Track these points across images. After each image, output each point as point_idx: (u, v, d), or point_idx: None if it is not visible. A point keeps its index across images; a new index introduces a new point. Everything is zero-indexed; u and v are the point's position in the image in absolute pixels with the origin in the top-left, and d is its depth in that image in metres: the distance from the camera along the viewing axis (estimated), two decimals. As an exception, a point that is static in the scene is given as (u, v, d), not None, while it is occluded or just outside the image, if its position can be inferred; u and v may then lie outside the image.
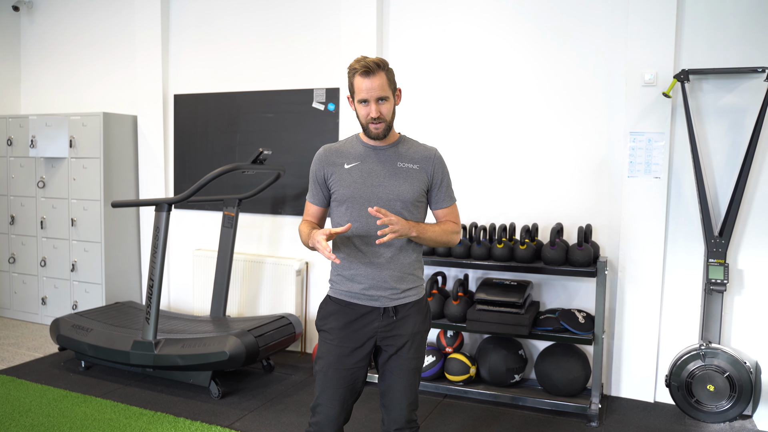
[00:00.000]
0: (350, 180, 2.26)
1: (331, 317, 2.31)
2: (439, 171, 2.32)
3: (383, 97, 2.19)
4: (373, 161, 2.27)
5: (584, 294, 3.93)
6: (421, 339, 2.34)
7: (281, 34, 4.72)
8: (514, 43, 4.04)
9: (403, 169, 2.27)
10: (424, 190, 2.29)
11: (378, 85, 2.17)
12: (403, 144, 2.33)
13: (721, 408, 3.42)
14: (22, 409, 3.56)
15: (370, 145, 2.30)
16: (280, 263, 4.63)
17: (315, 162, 2.34)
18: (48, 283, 5.32)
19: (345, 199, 2.26)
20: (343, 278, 2.29)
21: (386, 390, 2.32)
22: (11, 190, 5.42)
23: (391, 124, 2.26)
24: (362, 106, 2.21)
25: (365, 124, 2.23)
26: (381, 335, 2.27)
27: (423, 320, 2.34)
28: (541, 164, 4.01)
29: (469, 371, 3.85)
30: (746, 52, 3.52)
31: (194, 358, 3.71)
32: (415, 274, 2.33)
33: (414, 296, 2.32)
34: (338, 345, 2.27)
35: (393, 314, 2.26)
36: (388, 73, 2.23)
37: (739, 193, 3.47)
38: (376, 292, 2.25)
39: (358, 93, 2.20)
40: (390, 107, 2.23)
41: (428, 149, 2.35)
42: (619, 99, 3.79)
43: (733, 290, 3.64)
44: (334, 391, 2.26)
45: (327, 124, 4.52)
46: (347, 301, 2.29)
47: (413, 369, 2.31)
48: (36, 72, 5.92)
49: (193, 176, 5.00)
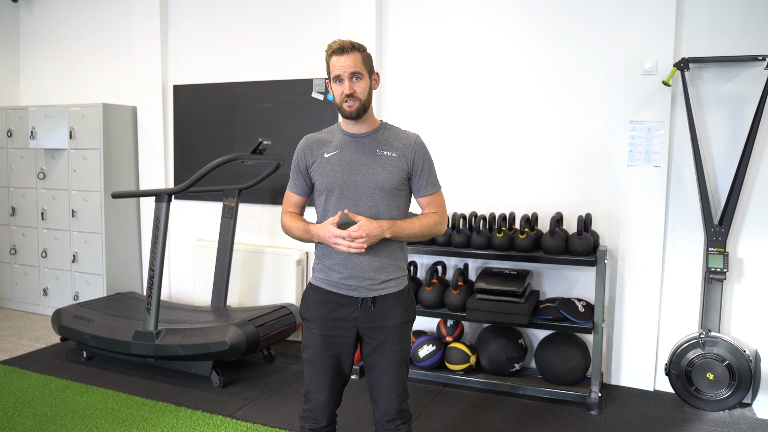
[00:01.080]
0: (329, 169, 2.24)
1: (312, 306, 2.31)
2: (419, 158, 2.28)
3: (357, 73, 2.17)
4: (352, 150, 2.25)
5: (584, 283, 3.93)
6: (404, 330, 2.32)
7: (280, 24, 4.70)
8: (513, 33, 4.02)
9: (382, 156, 2.24)
10: (404, 177, 2.26)
11: (351, 63, 2.16)
12: (383, 131, 2.30)
13: (720, 396, 3.43)
14: (25, 399, 3.58)
15: (350, 133, 2.28)
16: (280, 253, 4.64)
17: (297, 151, 2.33)
18: (49, 274, 5.33)
19: (325, 188, 2.25)
20: (324, 267, 2.29)
21: (374, 384, 2.31)
22: (12, 181, 5.43)
23: (366, 104, 2.22)
24: (337, 85, 2.20)
25: (339, 103, 2.21)
26: (362, 326, 2.26)
27: (405, 311, 2.31)
28: (541, 154, 4.01)
29: (469, 360, 3.86)
30: (746, 40, 3.50)
31: (195, 348, 3.73)
32: (396, 264, 2.29)
33: (394, 287, 2.28)
34: (320, 334, 2.27)
35: (371, 305, 2.24)
36: (364, 54, 2.22)
37: (739, 182, 3.46)
38: (354, 282, 2.23)
39: (333, 71, 2.19)
40: (365, 87, 2.20)
41: (409, 136, 2.31)
42: (618, 88, 3.78)
43: (732, 279, 3.65)
44: (322, 378, 2.28)
45: (326, 113, 4.52)
46: (326, 289, 2.28)
47: (398, 361, 2.29)
48: (35, 63, 5.91)
49: (193, 167, 5.00)
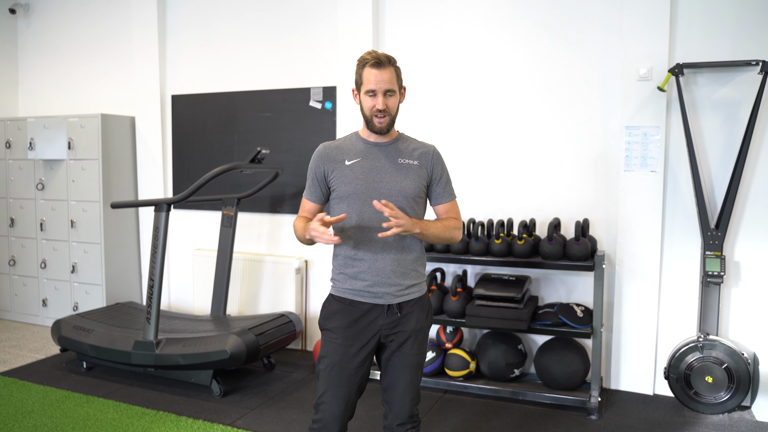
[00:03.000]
0: (352, 176, 2.27)
1: (335, 316, 2.31)
2: (438, 167, 2.35)
3: (391, 90, 2.22)
4: (375, 157, 2.29)
5: (582, 288, 3.95)
6: (423, 335, 2.36)
7: (278, 33, 4.73)
8: (509, 39, 4.05)
9: (404, 165, 2.29)
10: (424, 185, 2.32)
11: (387, 78, 2.20)
12: (402, 141, 2.35)
13: (719, 399, 3.44)
14: (25, 411, 3.57)
15: (371, 141, 2.31)
16: (280, 262, 4.65)
17: (314, 159, 2.34)
18: (48, 285, 5.33)
19: (346, 195, 2.27)
20: (346, 276, 2.29)
21: (389, 386, 2.33)
22: (10, 192, 5.43)
23: (394, 119, 2.28)
24: (368, 98, 2.22)
25: (369, 117, 2.24)
26: (385, 332, 2.28)
27: (425, 317, 2.37)
28: (538, 160, 4.03)
29: (468, 366, 3.87)
30: (740, 45, 3.54)
31: (195, 357, 3.73)
32: (417, 270, 2.34)
33: (417, 293, 2.33)
34: (343, 344, 2.27)
35: (397, 311, 2.27)
36: (397, 70, 2.26)
37: (734, 186, 3.49)
38: (380, 289, 2.25)
39: (366, 84, 2.21)
40: (396, 102, 2.26)
41: (427, 146, 2.38)
42: (614, 93, 3.81)
43: (730, 282, 3.66)
44: (339, 389, 2.27)
45: (324, 122, 4.54)
46: (350, 299, 2.29)
47: (415, 365, 2.33)
48: (33, 74, 5.93)
49: (192, 176, 5.01)
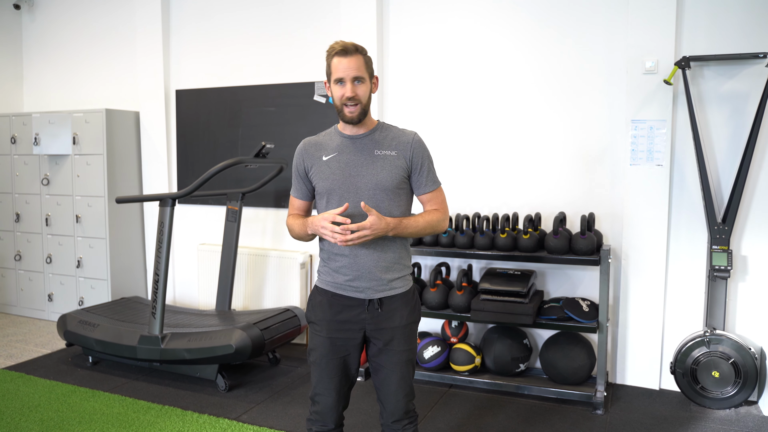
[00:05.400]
0: (329, 172, 2.24)
1: (318, 309, 2.32)
2: (418, 155, 2.26)
3: (359, 77, 2.17)
4: (350, 151, 2.25)
5: (588, 282, 3.93)
6: (410, 330, 2.32)
7: (282, 28, 4.72)
8: (513, 34, 4.03)
9: (380, 156, 2.23)
10: (404, 176, 2.25)
11: (355, 66, 2.16)
12: (380, 131, 2.28)
13: (726, 394, 3.43)
14: (32, 405, 3.59)
15: (347, 135, 2.27)
16: (284, 256, 4.65)
17: (296, 156, 2.33)
18: (54, 280, 5.35)
19: (325, 191, 2.25)
20: (329, 269, 2.28)
21: (381, 385, 2.32)
22: (16, 187, 5.45)
23: (366, 108, 2.22)
24: (338, 87, 2.18)
25: (340, 106, 2.20)
26: (369, 327, 2.26)
27: (411, 312, 2.31)
28: (544, 154, 4.01)
29: (474, 361, 3.86)
30: (747, 37, 3.51)
31: (201, 351, 3.73)
32: (401, 263, 2.29)
33: (400, 288, 2.28)
34: (327, 336, 2.28)
35: (378, 306, 2.24)
36: (366, 58, 2.22)
37: (741, 180, 3.46)
38: (361, 284, 2.23)
39: (334, 72, 2.18)
40: (366, 90, 2.21)
41: (406, 134, 2.30)
42: (620, 87, 3.79)
43: (736, 276, 3.64)
44: (329, 380, 2.29)
45: (328, 116, 4.53)
46: (333, 292, 2.28)
47: (405, 361, 2.29)
48: (38, 70, 5.93)
49: (196, 171, 5.01)
